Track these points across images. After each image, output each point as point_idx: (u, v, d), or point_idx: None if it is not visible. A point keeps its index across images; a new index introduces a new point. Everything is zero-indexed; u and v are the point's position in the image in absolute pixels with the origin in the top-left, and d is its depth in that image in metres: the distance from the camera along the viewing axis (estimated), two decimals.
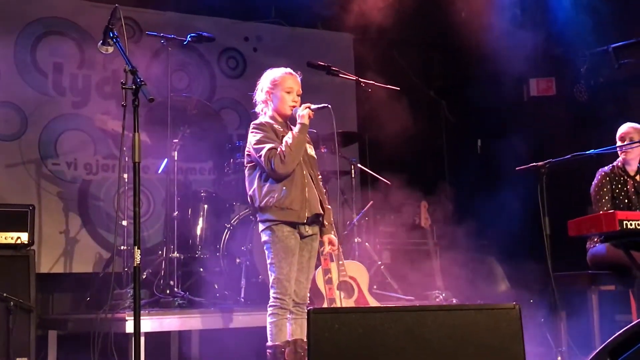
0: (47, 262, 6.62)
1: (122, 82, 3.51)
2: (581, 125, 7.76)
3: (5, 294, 5.33)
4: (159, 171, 6.26)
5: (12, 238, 5.56)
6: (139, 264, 3.38)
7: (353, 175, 6.66)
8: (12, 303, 5.33)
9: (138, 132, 3.48)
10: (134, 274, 3.34)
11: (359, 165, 6.78)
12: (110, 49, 3.82)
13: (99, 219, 6.93)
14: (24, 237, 5.59)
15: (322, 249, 4.74)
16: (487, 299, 6.73)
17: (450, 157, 9.07)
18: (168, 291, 5.44)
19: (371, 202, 6.69)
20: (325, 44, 8.24)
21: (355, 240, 6.42)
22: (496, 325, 2.93)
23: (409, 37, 8.75)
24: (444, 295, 6.31)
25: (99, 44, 3.88)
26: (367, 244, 6.54)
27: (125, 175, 6.19)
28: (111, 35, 3.74)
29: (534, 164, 5.43)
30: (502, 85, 8.34)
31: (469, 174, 8.69)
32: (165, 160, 5.95)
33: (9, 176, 6.62)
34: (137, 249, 3.36)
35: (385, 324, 2.92)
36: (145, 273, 5.82)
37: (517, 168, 5.59)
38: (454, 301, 6.48)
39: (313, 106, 4.63)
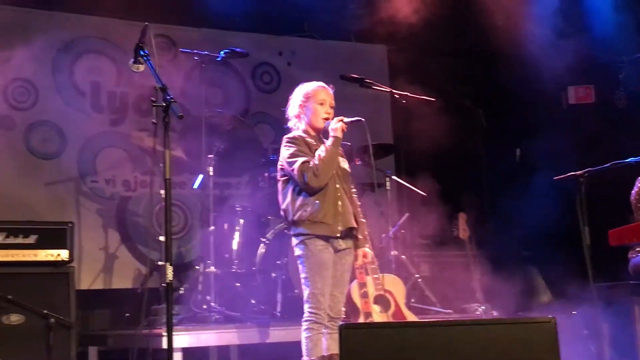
0: (87, 279, 6.69)
1: (152, 100, 3.54)
2: (620, 133, 7.63)
3: (45, 311, 5.39)
4: (194, 186, 6.29)
5: (52, 255, 5.62)
6: (171, 280, 3.39)
7: (388, 188, 6.62)
8: (52, 320, 5.38)
9: (169, 148, 3.49)
10: (166, 290, 3.35)
11: (394, 177, 6.73)
12: (142, 67, 3.85)
13: (138, 234, 6.99)
14: (63, 254, 5.65)
15: (356, 262, 4.71)
16: (529, 311, 6.64)
17: (488, 166, 8.97)
18: (205, 306, 5.46)
19: (407, 214, 6.64)
20: (359, 56, 8.23)
21: (392, 253, 6.37)
22: (532, 339, 2.88)
23: (444, 46, 8.69)
24: (483, 308, 6.23)
25: (130, 62, 3.92)
26: (403, 256, 6.48)
27: (162, 191, 6.23)
28: (142, 53, 3.77)
29: (573, 173, 5.35)
30: (540, 93, 8.25)
31: (508, 183, 8.58)
32: (201, 176, 5.99)
33: (49, 194, 6.71)
34: (169, 265, 3.37)
35: (419, 339, 2.89)
36: (182, 288, 5.85)
37: (555, 178, 5.51)
38: (494, 314, 6.39)
39: (346, 119, 4.62)
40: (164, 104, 3.50)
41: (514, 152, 8.76)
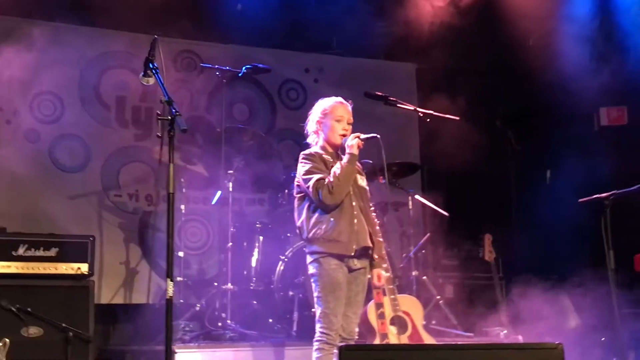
0: (108, 293, 6.68)
1: (157, 113, 3.51)
2: None
3: (64, 325, 5.36)
4: (213, 202, 6.27)
5: (72, 268, 5.62)
6: (172, 296, 3.34)
7: (410, 207, 6.52)
8: (70, 334, 5.35)
9: (173, 162, 3.46)
10: (166, 307, 3.31)
11: (417, 196, 6.63)
12: (151, 80, 3.84)
13: (159, 249, 6.96)
14: (84, 267, 5.65)
15: (373, 282, 4.62)
16: (556, 336, 6.45)
17: (517, 188, 8.82)
18: (220, 323, 5.40)
19: (428, 234, 6.53)
20: (388, 74, 8.17)
21: (413, 273, 6.26)
22: None
23: (475, 65, 8.60)
24: (505, 332, 6.07)
25: (140, 75, 3.90)
26: (424, 277, 6.37)
27: (183, 207, 6.24)
28: (151, 66, 3.75)
29: (598, 195, 5.22)
30: (572, 114, 8.11)
31: (537, 205, 8.43)
32: (219, 192, 5.96)
33: (72, 207, 6.74)
34: (170, 280, 3.33)
35: None
36: (198, 305, 5.81)
37: (580, 200, 5.38)
38: (519, 338, 6.23)
39: (362, 136, 4.55)
40: (169, 117, 3.47)
41: (544, 173, 8.60)
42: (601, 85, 7.67)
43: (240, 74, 5.94)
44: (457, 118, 5.93)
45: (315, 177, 4.41)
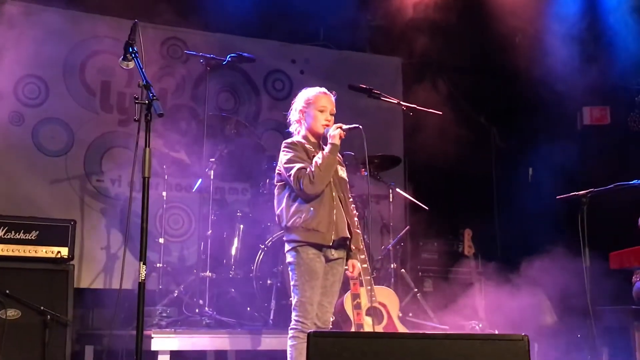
0: (88, 278, 6.69)
1: (135, 97, 3.53)
2: (634, 155, 7.51)
3: (42, 307, 5.39)
4: (193, 190, 6.29)
5: (52, 252, 5.63)
6: (144, 280, 3.37)
7: (391, 200, 6.56)
8: (48, 317, 5.38)
9: (149, 147, 3.48)
10: (138, 291, 3.34)
11: (397, 189, 6.67)
12: (131, 64, 3.85)
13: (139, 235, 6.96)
14: (64, 251, 5.65)
15: (350, 273, 4.66)
16: (531, 331, 6.50)
17: (499, 184, 8.88)
18: (197, 310, 5.43)
19: (407, 227, 6.58)
20: (373, 68, 8.20)
21: (392, 266, 6.30)
22: (503, 356, 2.81)
23: (460, 62, 8.65)
24: (480, 325, 6.13)
25: (120, 59, 3.92)
26: (403, 270, 6.42)
27: (164, 193, 6.25)
28: (130, 50, 3.77)
29: (575, 193, 5.27)
30: (555, 112, 8.16)
31: (518, 202, 8.49)
32: (200, 180, 5.97)
33: (54, 191, 6.73)
34: (143, 264, 3.35)
35: (389, 351, 2.83)
36: (176, 291, 5.83)
37: (558, 197, 5.43)
38: (496, 332, 6.29)
39: (345, 126, 4.58)
40: (147, 102, 3.49)
41: (526, 171, 8.66)
42: (585, 85, 7.72)
43: (224, 62, 5.95)
44: (440, 113, 5.97)
45: (297, 166, 4.44)
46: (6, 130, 6.60)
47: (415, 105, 5.82)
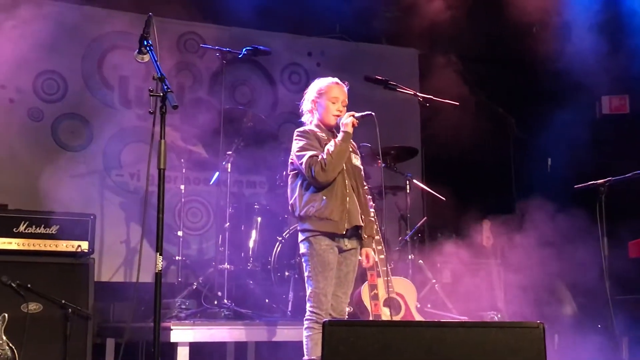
0: (108, 271, 6.75)
1: (150, 90, 3.56)
2: None
3: (63, 301, 5.45)
4: (211, 183, 6.32)
5: (72, 246, 5.68)
6: (161, 270, 3.40)
7: (408, 191, 6.56)
8: (70, 310, 5.44)
9: (164, 139, 3.51)
10: (155, 281, 3.37)
11: (415, 180, 6.67)
12: (146, 58, 3.88)
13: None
14: (84, 245, 5.71)
15: (367, 264, 4.66)
16: (550, 322, 6.50)
17: (517, 174, 8.84)
18: (216, 302, 5.47)
19: (425, 218, 6.57)
20: (390, 59, 8.18)
21: (409, 257, 6.30)
22: (518, 344, 2.81)
23: (477, 52, 8.60)
24: (499, 316, 6.12)
25: (135, 52, 3.95)
26: (420, 261, 6.41)
27: (183, 187, 6.29)
28: (145, 43, 3.80)
29: (594, 182, 5.24)
30: (574, 102, 8.11)
31: (537, 192, 8.45)
32: (217, 173, 6.00)
33: (74, 186, 6.76)
34: (159, 255, 3.38)
35: (403, 339, 2.84)
36: (195, 284, 5.87)
37: (576, 186, 5.41)
38: None
39: (357, 114, 4.57)
40: (161, 94, 3.52)
41: (545, 161, 8.62)
42: (604, 74, 7.67)
43: (240, 56, 5.97)
44: (457, 104, 5.95)
45: (309, 153, 4.43)
46: (26, 126, 6.67)
47: (431, 96, 5.79)
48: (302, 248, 4.47)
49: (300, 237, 4.50)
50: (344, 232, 4.43)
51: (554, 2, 7.71)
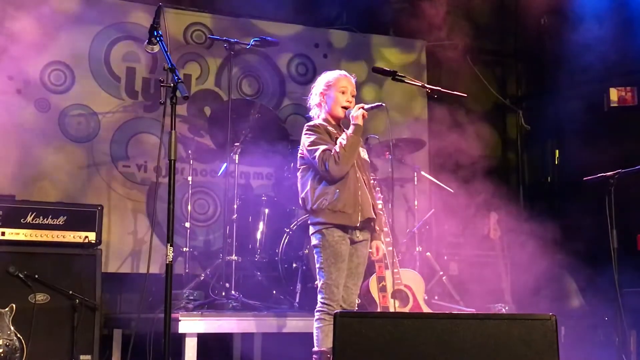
0: (115, 262, 6.73)
1: (160, 80, 3.55)
2: None
3: (71, 292, 5.46)
4: (219, 174, 6.31)
5: (80, 237, 5.70)
6: (171, 261, 3.40)
7: (416, 183, 6.55)
8: (77, 301, 5.46)
9: (175, 130, 3.50)
10: (166, 271, 3.36)
11: (422, 172, 6.66)
12: (156, 48, 3.87)
13: (166, 220, 6.98)
14: (91, 236, 5.73)
15: (376, 255, 4.66)
16: (558, 314, 6.48)
17: (525, 167, 8.82)
18: (223, 293, 5.47)
19: (432, 210, 6.56)
20: (397, 51, 8.15)
21: (417, 249, 6.29)
22: (530, 336, 2.80)
23: (484, 44, 8.58)
24: (507, 308, 6.12)
25: (145, 43, 3.94)
26: (428, 253, 6.40)
27: (190, 178, 6.28)
28: (155, 34, 3.79)
29: (603, 174, 5.23)
30: (581, 94, 8.09)
31: (545, 185, 8.44)
32: (225, 164, 5.99)
33: (81, 177, 6.78)
34: (170, 246, 3.38)
35: (415, 331, 2.83)
36: (202, 275, 5.87)
37: (585, 179, 5.39)
38: None
39: (366, 106, 4.57)
40: (172, 85, 3.51)
41: (553, 153, 8.60)
42: (611, 66, 7.64)
43: (248, 47, 5.96)
44: (465, 95, 5.92)
45: (322, 147, 4.43)
46: (33, 117, 6.66)
47: (439, 88, 5.77)
48: (314, 240, 4.47)
49: (312, 229, 4.50)
50: (357, 224, 4.43)
51: None
